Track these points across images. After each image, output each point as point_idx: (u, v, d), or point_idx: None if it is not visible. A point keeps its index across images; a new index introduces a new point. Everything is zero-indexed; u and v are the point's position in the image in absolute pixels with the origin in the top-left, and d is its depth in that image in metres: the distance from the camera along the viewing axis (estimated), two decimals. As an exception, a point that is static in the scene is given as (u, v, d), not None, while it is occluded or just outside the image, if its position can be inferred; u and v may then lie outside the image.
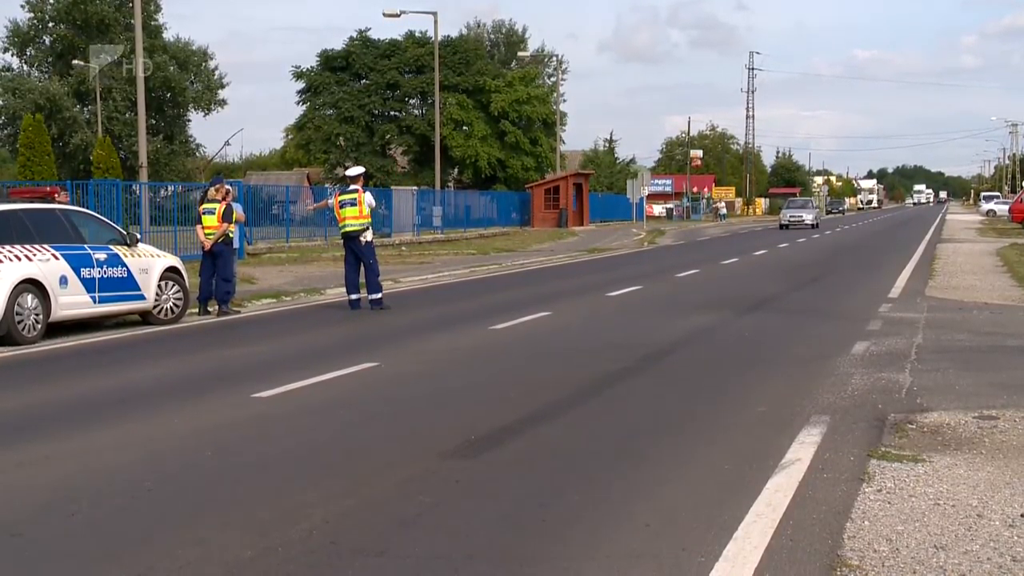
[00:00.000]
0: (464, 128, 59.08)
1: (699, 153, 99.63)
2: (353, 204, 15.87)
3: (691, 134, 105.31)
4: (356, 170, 16.61)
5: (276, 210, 35.17)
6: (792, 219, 54.37)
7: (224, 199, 15.79)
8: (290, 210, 35.21)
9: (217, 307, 15.55)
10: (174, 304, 14.57)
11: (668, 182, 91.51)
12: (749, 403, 8.19)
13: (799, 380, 9.18)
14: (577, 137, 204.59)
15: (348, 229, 15.93)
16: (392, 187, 46.76)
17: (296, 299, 17.84)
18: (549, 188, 55.49)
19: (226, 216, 15.64)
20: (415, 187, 47.43)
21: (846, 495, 5.67)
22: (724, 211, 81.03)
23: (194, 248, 20.34)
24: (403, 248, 33.87)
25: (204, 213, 15.77)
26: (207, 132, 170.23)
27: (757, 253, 30.66)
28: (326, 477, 6.12)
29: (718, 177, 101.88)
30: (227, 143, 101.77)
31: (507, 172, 59.58)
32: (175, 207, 26.60)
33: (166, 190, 30.63)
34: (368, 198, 16.03)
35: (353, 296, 15.96)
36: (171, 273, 14.64)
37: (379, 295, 15.79)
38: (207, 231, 15.68)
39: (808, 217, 54.25)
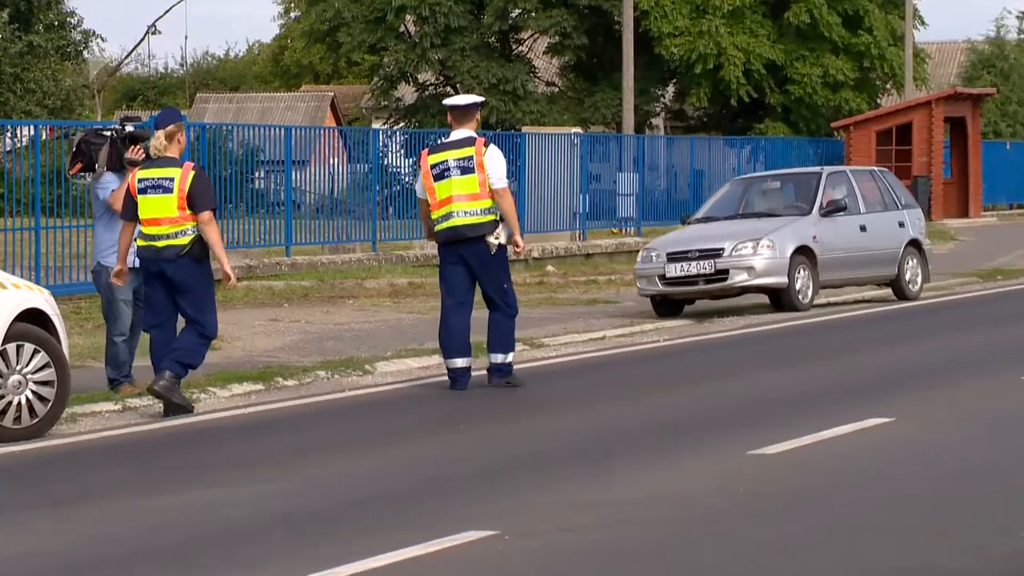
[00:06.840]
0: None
1: None
2: (468, 170, 16.44)
3: None
4: (466, 99, 17.36)
5: (261, 180, 35.70)
6: (676, 274, 29.45)
7: (189, 163, 16.24)
8: (293, 181, 35.63)
9: (163, 380, 15.46)
10: (32, 396, 14.80)
11: None
12: None
13: None
14: (953, 14, 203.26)
15: (460, 222, 16.55)
16: (525, 128, 47.15)
17: (308, 382, 18.09)
18: (885, 129, 55.56)
19: (198, 197, 15.72)
20: (577, 128, 47.71)
21: None
22: None
23: (77, 272, 20.71)
24: (550, 267, 34.09)
25: (144, 190, 15.93)
26: (109, 7, 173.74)
27: None
28: None
29: None
30: (153, 30, 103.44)
31: (789, 94, 59.59)
32: (37, 174, 27.19)
33: (15, 135, 31.33)
34: (496, 160, 16.62)
35: (460, 363, 16.57)
36: (28, 325, 14.91)
37: (510, 357, 16.61)
38: (149, 230, 15.81)
39: (760, 260, 29.07)
